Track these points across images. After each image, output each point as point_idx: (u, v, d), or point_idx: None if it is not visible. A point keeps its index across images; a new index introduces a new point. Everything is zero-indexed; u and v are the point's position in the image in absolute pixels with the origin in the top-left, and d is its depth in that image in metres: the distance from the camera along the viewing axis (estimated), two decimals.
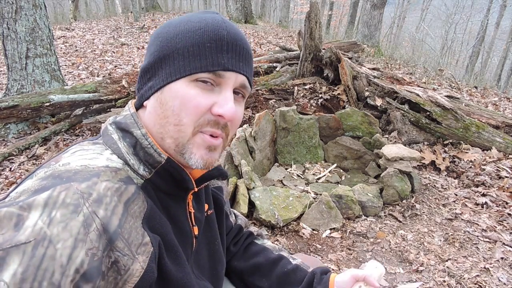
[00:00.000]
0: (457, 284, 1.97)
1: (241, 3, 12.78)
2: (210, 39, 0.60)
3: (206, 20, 0.62)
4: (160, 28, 0.66)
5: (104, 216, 0.52)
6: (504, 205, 2.69)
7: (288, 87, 3.98)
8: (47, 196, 0.49)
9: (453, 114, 3.46)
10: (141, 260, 0.55)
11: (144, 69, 0.65)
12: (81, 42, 7.31)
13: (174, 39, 0.61)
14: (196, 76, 0.60)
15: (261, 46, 7.98)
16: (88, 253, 0.48)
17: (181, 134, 0.61)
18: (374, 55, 7.81)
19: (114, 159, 0.61)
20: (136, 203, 0.58)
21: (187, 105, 0.59)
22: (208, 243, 0.81)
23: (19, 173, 2.85)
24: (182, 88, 0.60)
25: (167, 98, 0.60)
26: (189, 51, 0.60)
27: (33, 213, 0.47)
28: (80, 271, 0.47)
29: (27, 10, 3.55)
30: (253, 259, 0.93)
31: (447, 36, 20.55)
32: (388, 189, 2.74)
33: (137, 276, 0.54)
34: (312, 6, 3.86)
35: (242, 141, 2.88)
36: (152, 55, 0.63)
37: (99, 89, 3.65)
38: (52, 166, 0.57)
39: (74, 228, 0.48)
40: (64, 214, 0.48)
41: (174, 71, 0.60)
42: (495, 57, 20.62)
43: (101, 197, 0.53)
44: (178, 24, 0.63)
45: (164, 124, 0.61)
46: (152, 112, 0.63)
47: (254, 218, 2.43)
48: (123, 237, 0.53)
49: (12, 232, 0.46)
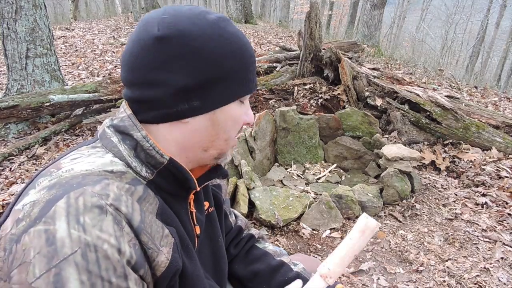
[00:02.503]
0: (457, 284, 1.97)
1: (241, 3, 12.78)
2: (250, 62, 0.66)
3: (241, 39, 0.65)
4: (181, 35, 0.59)
5: (127, 212, 0.54)
6: (504, 205, 2.69)
7: (288, 87, 3.98)
8: (65, 204, 0.50)
9: (453, 114, 3.46)
10: (165, 251, 0.58)
11: (187, 87, 0.60)
12: (81, 42, 7.31)
13: (225, 62, 0.61)
14: (242, 98, 0.67)
15: (261, 46, 7.99)
16: (130, 245, 0.52)
17: (227, 146, 0.69)
18: (374, 55, 7.81)
19: (117, 161, 0.61)
20: (147, 200, 0.60)
21: (238, 124, 0.68)
22: (211, 241, 0.81)
23: (19, 173, 2.85)
24: (234, 110, 0.66)
25: (221, 119, 0.65)
26: (239, 76, 0.64)
27: (59, 224, 0.48)
28: (131, 262, 0.52)
29: (27, 10, 3.55)
30: (253, 265, 0.92)
31: (447, 36, 20.55)
32: (388, 189, 2.74)
33: (163, 267, 0.58)
34: (312, 6, 3.86)
35: (242, 141, 2.88)
36: (198, 74, 0.60)
37: (99, 89, 3.65)
38: (54, 174, 0.56)
39: (109, 228, 0.50)
40: (93, 218, 0.50)
41: (229, 94, 0.64)
42: (495, 57, 20.63)
43: (118, 196, 0.54)
44: (220, 42, 0.61)
45: (215, 140, 0.66)
46: (200, 129, 0.65)
47: (254, 218, 2.43)
48: (146, 231, 0.56)
49: (49, 248, 0.47)
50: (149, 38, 0.59)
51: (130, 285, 0.51)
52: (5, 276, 0.49)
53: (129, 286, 0.51)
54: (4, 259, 0.49)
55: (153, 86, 0.60)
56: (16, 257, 0.48)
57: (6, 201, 2.25)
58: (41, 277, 0.46)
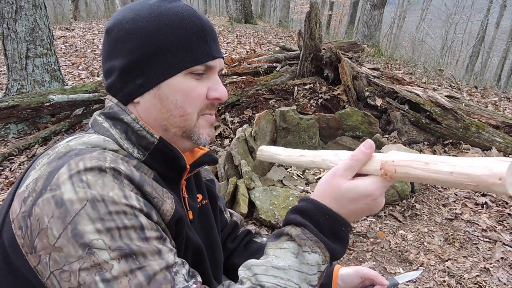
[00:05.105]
0: (457, 284, 1.97)
1: (241, 3, 12.79)
2: (194, 32, 0.64)
3: (180, 12, 0.64)
4: (119, 23, 0.64)
5: (125, 170, 0.57)
6: (504, 205, 2.69)
7: (288, 87, 3.98)
8: (67, 170, 0.53)
9: (453, 114, 3.46)
10: (169, 202, 0.61)
11: (126, 68, 0.64)
12: (81, 42, 7.31)
13: (157, 36, 0.62)
14: (190, 70, 0.64)
15: (261, 46, 7.99)
16: (134, 192, 0.55)
17: (187, 122, 0.67)
18: (374, 55, 7.81)
19: (110, 141, 0.64)
20: (142, 170, 0.62)
21: (189, 97, 0.65)
22: (205, 232, 0.82)
23: (19, 173, 2.85)
24: (181, 83, 0.64)
25: (167, 94, 0.64)
26: (178, 47, 0.63)
27: (65, 187, 0.51)
28: (138, 206, 0.54)
29: (27, 10, 3.55)
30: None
31: (447, 36, 20.55)
32: (388, 189, 2.75)
33: (169, 216, 0.61)
34: (312, 6, 3.86)
35: (242, 141, 2.88)
36: (132, 53, 0.63)
37: (99, 89, 3.65)
38: (52, 152, 0.59)
39: (110, 182, 0.53)
40: (94, 175, 0.53)
41: (168, 67, 0.63)
42: (495, 57, 20.63)
43: (114, 159, 0.57)
44: (151, 19, 0.63)
45: (168, 117, 0.66)
46: (150, 107, 0.66)
47: (254, 218, 2.43)
48: (148, 183, 0.59)
49: (61, 209, 0.50)
50: (104, 33, 0.68)
51: (142, 221, 0.54)
52: (30, 248, 0.52)
53: (141, 222, 0.53)
54: (23, 236, 0.52)
55: (109, 73, 0.67)
56: (33, 229, 0.51)
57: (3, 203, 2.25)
58: (61, 236, 0.49)
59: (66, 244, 0.49)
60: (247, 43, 8.46)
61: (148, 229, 0.54)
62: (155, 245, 0.54)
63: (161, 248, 0.54)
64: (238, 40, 8.77)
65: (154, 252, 0.53)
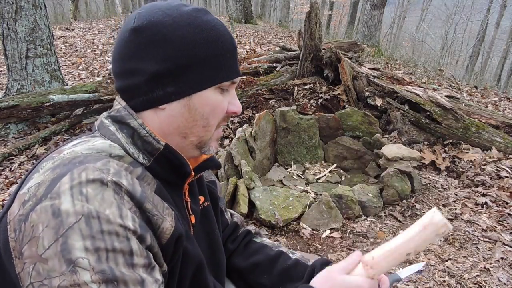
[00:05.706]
0: (457, 284, 1.97)
1: (241, 3, 12.79)
2: (228, 50, 0.67)
3: (216, 27, 0.66)
4: (153, 25, 0.63)
5: (128, 184, 0.57)
6: (504, 205, 2.69)
7: (288, 87, 3.98)
8: (69, 180, 0.53)
9: (453, 114, 3.46)
10: (169, 219, 0.61)
11: (158, 74, 0.63)
12: (81, 42, 7.31)
13: (196, 49, 0.63)
14: (220, 85, 0.67)
15: (261, 46, 7.99)
16: (131, 211, 0.55)
17: (207, 133, 0.70)
18: (374, 55, 7.81)
19: (116, 146, 0.64)
20: (146, 180, 0.63)
21: (215, 111, 0.68)
22: (207, 234, 0.83)
23: (19, 173, 2.85)
24: (210, 96, 0.67)
25: (197, 105, 0.66)
26: (214, 62, 0.65)
27: (64, 198, 0.51)
28: (133, 228, 0.54)
29: (27, 10, 3.55)
30: (253, 257, 0.94)
31: (447, 36, 20.54)
32: (388, 189, 2.74)
33: (168, 234, 0.61)
34: (312, 6, 3.86)
35: (242, 141, 2.88)
36: (167, 60, 0.62)
37: (99, 89, 3.64)
38: (57, 157, 0.59)
39: (110, 197, 0.53)
40: (95, 188, 0.53)
41: (203, 80, 0.65)
42: (495, 57, 20.62)
43: (118, 171, 0.57)
44: (190, 29, 0.63)
45: (192, 126, 0.68)
46: (176, 115, 0.66)
47: (254, 218, 2.43)
48: (149, 199, 0.59)
49: (56, 220, 0.50)
50: (127, 31, 0.64)
51: (132, 246, 0.53)
52: (18, 254, 0.51)
53: (131, 247, 0.53)
54: (15, 239, 0.52)
55: (131, 74, 0.65)
56: (25, 234, 0.51)
57: (6, 201, 2.25)
58: (50, 248, 0.49)
59: (52, 257, 0.49)
60: (247, 43, 8.46)
61: (137, 255, 0.54)
62: (140, 274, 0.53)
63: (145, 278, 0.53)
64: (238, 40, 8.76)
65: (137, 282, 0.52)
